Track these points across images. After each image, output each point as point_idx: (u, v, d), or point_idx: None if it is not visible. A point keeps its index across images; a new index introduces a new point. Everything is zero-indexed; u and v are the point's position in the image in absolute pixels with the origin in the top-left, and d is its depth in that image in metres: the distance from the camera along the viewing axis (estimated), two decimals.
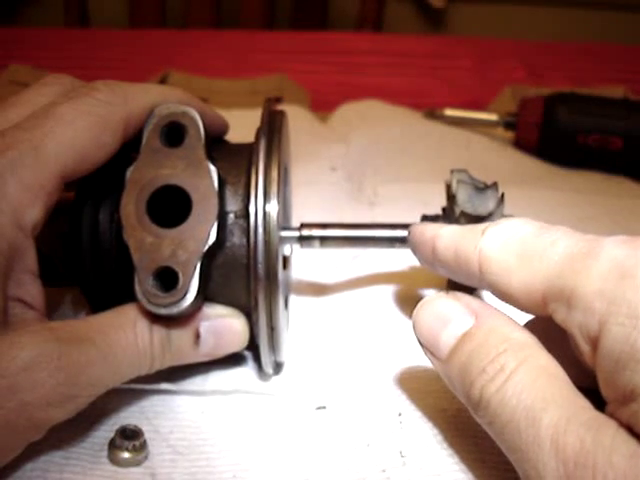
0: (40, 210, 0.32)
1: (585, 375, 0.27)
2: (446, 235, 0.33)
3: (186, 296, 0.32)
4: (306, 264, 0.49)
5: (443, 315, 0.31)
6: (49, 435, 0.31)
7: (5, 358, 0.28)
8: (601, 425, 0.24)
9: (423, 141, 0.70)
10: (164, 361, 0.35)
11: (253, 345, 0.38)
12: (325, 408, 0.37)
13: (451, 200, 0.42)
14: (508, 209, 0.41)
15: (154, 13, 1.44)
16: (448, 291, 0.32)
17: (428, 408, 0.36)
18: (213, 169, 0.34)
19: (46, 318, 0.33)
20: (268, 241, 0.35)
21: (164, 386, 0.37)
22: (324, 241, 0.40)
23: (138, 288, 0.32)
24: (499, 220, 0.31)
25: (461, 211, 0.40)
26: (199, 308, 0.35)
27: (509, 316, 0.30)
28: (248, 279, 0.35)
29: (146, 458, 0.33)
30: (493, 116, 0.72)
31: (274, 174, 0.35)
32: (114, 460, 0.33)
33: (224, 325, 0.36)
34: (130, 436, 0.33)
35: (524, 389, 0.26)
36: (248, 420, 0.36)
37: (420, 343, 0.32)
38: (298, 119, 0.70)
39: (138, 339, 0.33)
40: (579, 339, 0.26)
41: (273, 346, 0.37)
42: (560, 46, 1.04)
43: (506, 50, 0.99)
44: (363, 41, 1.05)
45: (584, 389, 0.27)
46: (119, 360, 0.32)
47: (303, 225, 0.40)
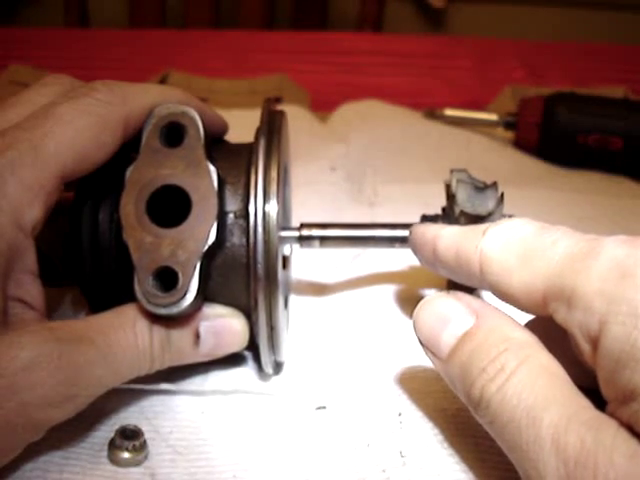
0: (40, 210, 0.32)
1: (585, 375, 0.27)
2: (447, 236, 0.33)
3: (186, 296, 0.32)
4: (306, 264, 0.49)
5: (444, 315, 0.31)
6: (49, 435, 0.31)
7: (5, 358, 0.28)
8: (602, 425, 0.24)
9: (423, 141, 0.70)
10: (164, 361, 0.35)
11: (253, 345, 0.38)
12: (325, 408, 0.37)
13: (451, 200, 0.42)
14: (508, 209, 0.41)
15: (154, 13, 1.44)
16: (449, 291, 0.32)
17: (428, 408, 0.36)
18: (213, 169, 0.34)
19: (46, 318, 0.33)
20: (268, 241, 0.35)
21: (164, 386, 0.37)
22: (324, 241, 0.40)
23: (138, 288, 0.32)
24: (500, 220, 0.32)
25: (461, 211, 0.40)
26: (199, 308, 0.35)
27: (510, 316, 0.30)
28: (248, 279, 0.35)
29: (146, 458, 0.33)
30: (493, 116, 0.71)
31: (274, 174, 0.35)
32: (114, 460, 0.33)
33: (224, 325, 0.36)
34: (130, 436, 0.33)
35: (525, 389, 0.26)
36: (248, 420, 0.36)
37: (421, 343, 0.32)
38: (298, 119, 0.70)
39: (138, 339, 0.33)
40: (579, 339, 0.26)
41: (273, 346, 0.37)
42: (560, 46, 1.04)
43: (506, 50, 0.98)
44: (363, 41, 1.05)
45: (584, 389, 0.27)
46: (119, 360, 0.32)
47: (303, 225, 0.40)
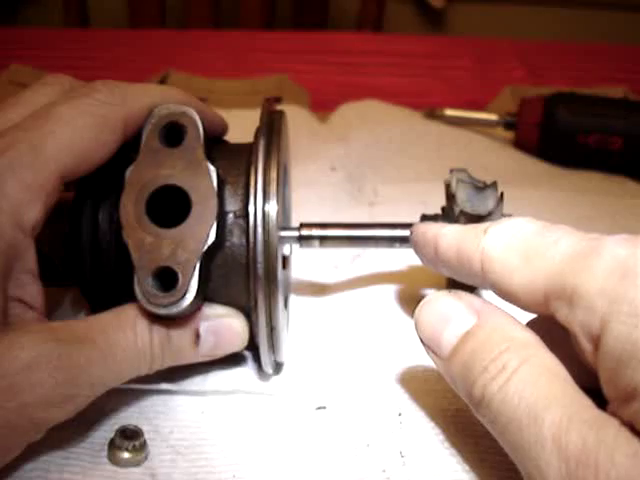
0: (40, 210, 0.32)
1: (587, 374, 0.27)
2: (448, 234, 0.33)
3: (186, 296, 0.32)
4: (306, 264, 0.49)
5: (445, 314, 0.31)
6: (49, 435, 0.31)
7: (5, 358, 0.28)
8: (603, 424, 0.24)
9: (423, 141, 0.70)
10: (164, 361, 0.35)
11: (253, 345, 0.38)
12: (325, 408, 0.37)
13: (450, 199, 0.42)
14: (508, 209, 0.41)
15: (154, 13, 1.44)
16: (450, 290, 0.32)
17: (428, 408, 0.36)
18: (212, 169, 0.34)
19: (46, 318, 0.33)
20: (267, 241, 0.35)
21: (164, 386, 0.37)
22: (324, 241, 0.40)
23: (138, 288, 0.32)
24: (502, 219, 0.31)
25: (460, 210, 0.40)
26: (199, 308, 0.35)
27: (511, 315, 0.30)
28: (248, 279, 0.35)
29: (146, 458, 0.33)
30: (493, 116, 0.71)
31: (273, 174, 0.35)
32: (114, 460, 0.33)
33: (224, 325, 0.36)
34: (130, 436, 0.33)
35: (526, 388, 0.26)
36: (248, 420, 0.36)
37: (422, 342, 0.32)
38: (298, 119, 0.70)
39: (138, 339, 0.33)
40: (581, 338, 0.26)
41: (273, 346, 0.37)
42: (560, 46, 1.04)
43: (506, 50, 0.98)
44: (363, 41, 1.05)
45: (586, 388, 0.27)
46: (119, 360, 0.32)
47: (302, 225, 0.40)
